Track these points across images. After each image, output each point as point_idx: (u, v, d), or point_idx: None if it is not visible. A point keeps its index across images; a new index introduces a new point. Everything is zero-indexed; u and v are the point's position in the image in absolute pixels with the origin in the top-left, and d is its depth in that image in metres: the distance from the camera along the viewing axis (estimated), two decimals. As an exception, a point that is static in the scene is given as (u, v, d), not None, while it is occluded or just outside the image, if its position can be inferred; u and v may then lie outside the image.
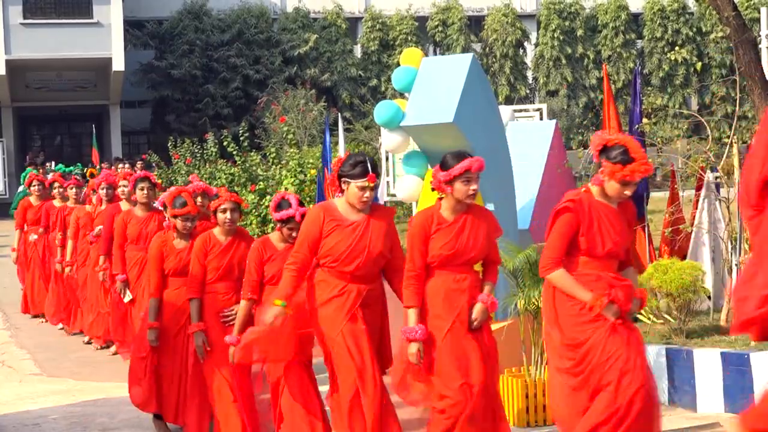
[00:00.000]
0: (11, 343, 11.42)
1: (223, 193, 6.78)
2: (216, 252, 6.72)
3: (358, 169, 5.72)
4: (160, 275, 7.03)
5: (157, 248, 7.06)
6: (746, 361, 6.56)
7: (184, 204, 6.98)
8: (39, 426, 7.53)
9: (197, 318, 6.70)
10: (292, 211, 6.30)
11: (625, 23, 35.85)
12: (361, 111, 32.73)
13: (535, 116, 19.81)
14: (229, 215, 6.66)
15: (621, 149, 5.19)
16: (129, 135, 34.74)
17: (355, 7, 36.43)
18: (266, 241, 6.45)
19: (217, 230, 6.78)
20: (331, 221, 5.77)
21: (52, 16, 30.17)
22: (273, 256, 6.32)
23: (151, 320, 7.00)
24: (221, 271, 6.71)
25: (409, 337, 5.56)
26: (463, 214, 5.68)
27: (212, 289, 6.74)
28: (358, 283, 5.79)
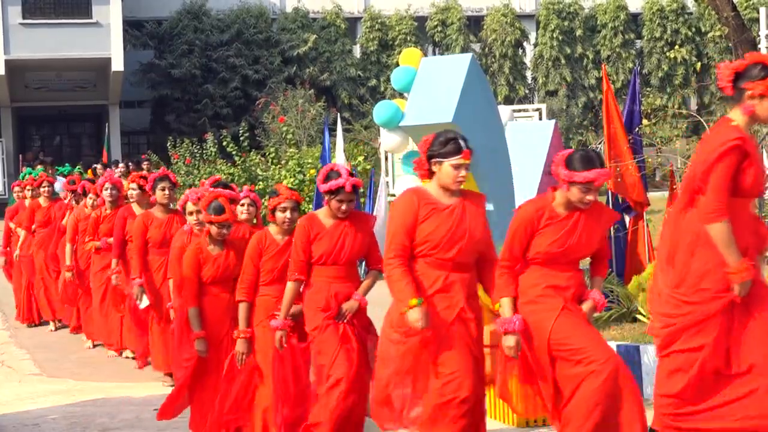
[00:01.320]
0: (11, 343, 11.42)
1: (284, 191, 6.34)
2: (271, 252, 6.34)
3: (451, 146, 5.33)
4: (198, 284, 6.68)
5: (194, 256, 6.70)
6: (745, 360, 6.54)
7: (221, 210, 6.62)
8: (39, 426, 7.53)
9: (246, 323, 6.34)
10: (342, 180, 5.88)
11: (624, 23, 35.87)
12: (360, 111, 32.75)
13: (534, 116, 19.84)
14: (289, 214, 6.30)
15: (761, 65, 4.87)
16: (128, 135, 34.75)
17: (354, 7, 36.44)
18: (313, 218, 6.04)
19: (274, 229, 6.39)
20: (426, 205, 5.34)
21: (51, 16, 30.17)
22: (321, 234, 5.94)
23: (196, 330, 6.65)
24: (276, 272, 6.33)
25: (507, 328, 5.18)
26: (577, 212, 5.27)
27: (265, 292, 6.39)
28: (460, 272, 5.37)
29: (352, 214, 6.06)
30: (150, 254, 8.65)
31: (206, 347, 6.64)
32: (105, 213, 10.17)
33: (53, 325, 12.09)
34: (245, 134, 19.37)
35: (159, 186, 8.61)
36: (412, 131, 8.51)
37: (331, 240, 5.95)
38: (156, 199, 8.73)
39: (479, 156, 8.08)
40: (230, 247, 6.77)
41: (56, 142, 36.31)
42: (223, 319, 6.69)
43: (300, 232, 5.98)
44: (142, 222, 8.62)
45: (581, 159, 5.18)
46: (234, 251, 6.73)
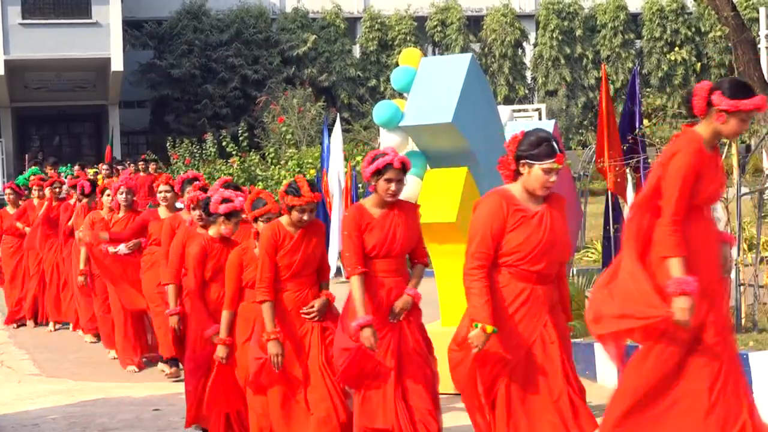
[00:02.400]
0: (10, 344, 11.42)
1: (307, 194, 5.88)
2: (288, 246, 5.89)
3: (544, 148, 4.90)
4: (238, 287, 6.32)
5: (237, 258, 6.34)
6: (745, 361, 6.55)
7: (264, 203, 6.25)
8: (38, 426, 7.53)
9: (272, 324, 5.86)
10: (390, 157, 5.53)
11: (623, 23, 35.88)
12: (360, 111, 32.77)
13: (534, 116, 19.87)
14: (306, 217, 5.87)
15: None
16: (128, 135, 34.76)
17: (353, 7, 36.44)
18: (361, 208, 5.65)
19: (286, 220, 5.96)
20: (516, 212, 4.90)
21: (51, 16, 30.17)
22: (371, 224, 5.56)
23: (223, 336, 6.32)
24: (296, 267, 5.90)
25: (684, 289, 4.50)
26: None
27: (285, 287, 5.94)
28: (544, 284, 4.97)
29: (399, 204, 5.68)
30: None
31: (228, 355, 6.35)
32: (117, 217, 9.80)
33: (52, 326, 12.08)
34: (244, 134, 19.37)
35: (188, 189, 8.15)
36: (412, 131, 8.50)
37: (383, 230, 5.56)
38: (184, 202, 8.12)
39: (479, 156, 8.10)
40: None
41: (56, 142, 36.32)
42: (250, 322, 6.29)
43: (350, 223, 5.58)
44: (170, 225, 8.21)
45: (742, 86, 4.77)
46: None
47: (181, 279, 7.23)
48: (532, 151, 4.89)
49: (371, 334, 5.36)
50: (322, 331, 5.94)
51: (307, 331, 5.92)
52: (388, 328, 5.54)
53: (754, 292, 7.73)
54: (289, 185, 5.92)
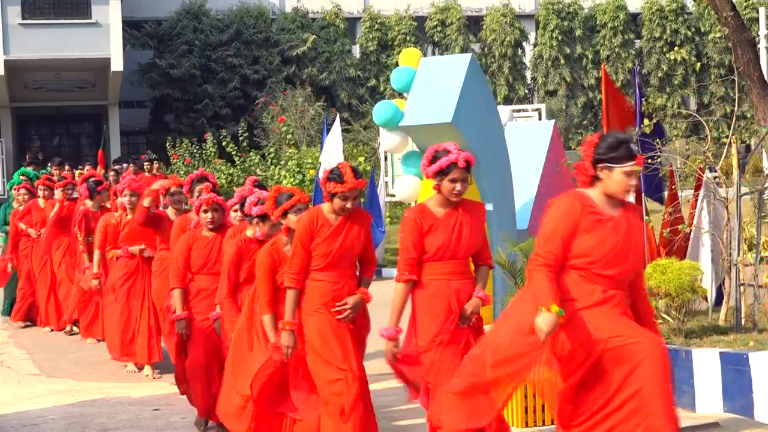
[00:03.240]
0: (10, 344, 11.41)
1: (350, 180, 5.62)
2: (325, 234, 5.63)
3: (623, 151, 4.73)
4: (272, 288, 5.98)
5: (268, 257, 6.02)
6: (745, 360, 6.55)
7: (290, 195, 6.00)
8: (38, 426, 7.52)
9: (293, 314, 5.68)
10: (454, 155, 5.28)
11: (623, 23, 35.87)
12: (360, 111, 32.76)
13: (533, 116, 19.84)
14: (349, 204, 5.63)
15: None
16: (128, 135, 34.75)
17: (353, 7, 36.44)
18: (423, 209, 5.41)
19: (327, 207, 5.73)
20: (590, 214, 4.73)
21: (51, 16, 30.16)
22: (434, 225, 5.33)
23: (273, 339, 5.92)
24: (332, 257, 5.66)
25: None
26: None
27: (319, 277, 5.70)
28: (618, 288, 4.77)
29: (464, 203, 5.43)
30: None
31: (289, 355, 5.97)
32: (126, 219, 9.53)
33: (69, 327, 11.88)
34: (244, 134, 19.36)
35: (197, 188, 7.90)
36: (412, 131, 8.51)
37: (447, 231, 5.31)
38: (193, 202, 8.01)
39: (479, 156, 8.10)
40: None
41: (55, 143, 36.31)
42: None
43: (411, 225, 5.31)
44: (180, 226, 7.97)
45: None
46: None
47: (186, 282, 7.17)
48: (612, 154, 4.73)
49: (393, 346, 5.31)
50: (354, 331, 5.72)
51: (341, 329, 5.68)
52: (455, 334, 5.27)
53: (754, 292, 7.73)
54: (331, 171, 5.67)
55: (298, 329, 5.71)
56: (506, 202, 9.08)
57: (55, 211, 11.80)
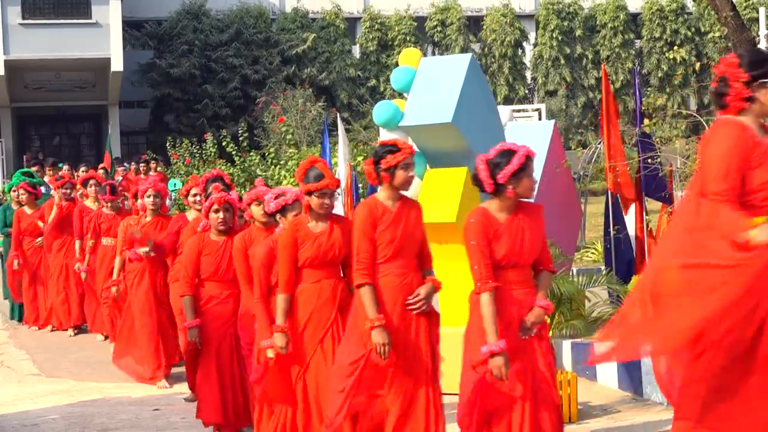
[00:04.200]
0: (10, 344, 11.41)
1: (405, 147, 5.35)
2: (387, 222, 5.34)
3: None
4: (293, 267, 5.69)
5: (290, 234, 5.71)
6: (745, 360, 6.54)
7: (320, 176, 5.66)
8: (38, 426, 7.52)
9: (375, 310, 5.23)
10: (524, 149, 4.96)
11: (623, 23, 35.89)
12: (360, 111, 32.78)
13: (533, 116, 19.86)
14: (412, 172, 5.42)
15: None
16: (128, 135, 34.77)
17: (353, 7, 36.45)
18: (487, 214, 5.00)
19: (383, 194, 5.43)
20: (756, 146, 4.20)
21: (51, 16, 30.18)
22: (498, 230, 4.97)
23: (280, 323, 5.68)
24: (397, 244, 5.33)
25: None
26: None
27: (386, 270, 5.34)
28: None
29: (520, 205, 5.08)
30: None
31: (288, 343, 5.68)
32: (144, 221, 9.15)
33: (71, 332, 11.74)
34: (244, 134, 19.37)
35: (211, 188, 7.48)
36: (412, 131, 8.50)
37: (511, 237, 4.96)
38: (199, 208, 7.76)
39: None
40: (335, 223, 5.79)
41: (55, 143, 36.33)
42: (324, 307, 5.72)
43: (478, 229, 4.90)
44: (192, 228, 7.69)
45: None
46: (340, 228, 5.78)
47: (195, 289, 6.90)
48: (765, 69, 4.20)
49: (504, 363, 4.74)
50: (428, 326, 5.39)
51: (410, 324, 5.33)
52: (520, 348, 4.91)
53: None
54: (382, 146, 5.42)
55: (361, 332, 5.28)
56: (506, 202, 9.06)
57: (54, 214, 11.73)
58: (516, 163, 4.90)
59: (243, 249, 6.49)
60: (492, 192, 4.99)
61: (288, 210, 6.10)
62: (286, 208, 6.11)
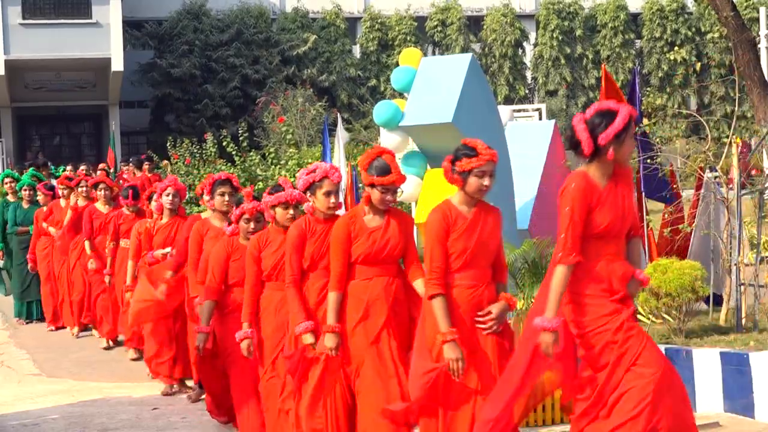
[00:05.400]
0: (10, 344, 11.41)
1: (485, 151, 4.97)
2: (461, 228, 4.97)
3: None
4: (346, 262, 5.36)
5: (344, 227, 5.37)
6: (745, 360, 6.56)
7: (387, 170, 5.31)
8: (38, 426, 7.52)
9: (448, 323, 4.86)
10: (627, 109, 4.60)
11: (624, 23, 35.88)
12: (360, 111, 32.77)
13: (534, 116, 19.85)
14: (486, 181, 4.97)
15: None
16: (128, 135, 34.77)
17: (354, 7, 36.45)
18: (587, 178, 4.65)
19: (458, 198, 5.05)
20: None
21: (51, 16, 30.18)
22: (602, 197, 4.65)
23: (331, 322, 5.35)
24: (469, 254, 4.97)
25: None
26: None
27: (456, 281, 4.97)
28: None
29: (618, 170, 4.75)
30: None
31: (338, 344, 5.35)
32: (160, 223, 8.83)
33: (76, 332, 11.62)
34: (244, 134, 19.37)
35: (218, 191, 7.36)
36: (412, 131, 8.51)
37: (613, 205, 4.64)
38: (214, 205, 7.48)
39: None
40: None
41: (56, 143, 36.33)
42: (379, 309, 5.38)
43: (579, 195, 4.55)
44: (197, 231, 7.47)
45: None
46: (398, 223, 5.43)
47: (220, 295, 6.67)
48: None
49: (553, 341, 4.52)
50: (498, 348, 4.99)
51: (478, 343, 4.96)
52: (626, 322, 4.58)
53: (754, 292, 7.73)
54: (458, 150, 5.00)
55: None
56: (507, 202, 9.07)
57: (69, 216, 11.53)
58: (620, 123, 4.55)
59: (257, 253, 6.18)
60: (590, 155, 4.61)
61: (316, 188, 5.74)
62: (315, 185, 5.74)
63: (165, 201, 8.72)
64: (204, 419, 7.46)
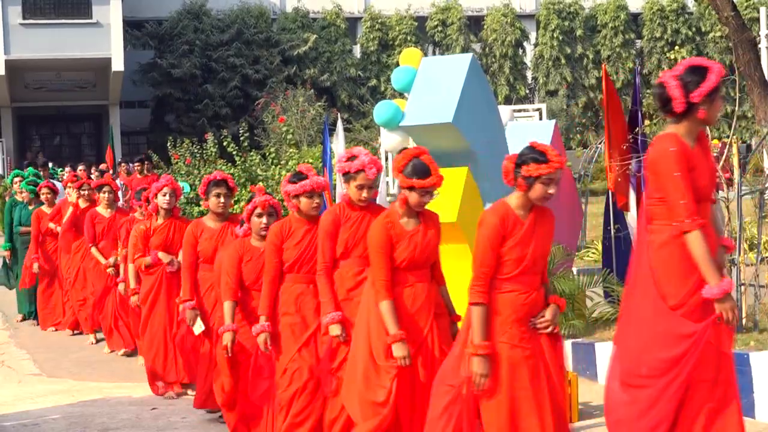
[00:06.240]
0: (11, 344, 11.40)
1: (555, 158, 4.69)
2: (519, 235, 4.70)
3: None
4: (389, 268, 5.13)
5: (382, 232, 5.15)
6: (746, 360, 6.55)
7: (426, 172, 5.12)
8: (38, 426, 7.52)
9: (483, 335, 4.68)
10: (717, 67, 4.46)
11: (624, 23, 35.89)
12: (361, 111, 32.79)
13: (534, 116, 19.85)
14: (552, 190, 4.70)
15: None
16: (128, 135, 34.79)
17: (354, 7, 36.46)
18: (679, 140, 4.46)
19: (515, 201, 4.76)
20: None
21: (51, 16, 30.20)
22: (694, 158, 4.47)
23: (393, 330, 5.06)
24: (528, 262, 4.74)
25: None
26: None
27: (510, 287, 4.75)
28: None
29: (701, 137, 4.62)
30: (200, 270, 7.29)
31: (408, 354, 5.09)
32: (156, 224, 8.54)
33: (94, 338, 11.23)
34: (245, 134, 19.38)
35: (214, 192, 7.20)
36: (413, 131, 8.50)
37: (705, 167, 4.50)
38: (209, 206, 7.35)
39: (479, 156, 8.10)
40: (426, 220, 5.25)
41: (56, 142, 36.35)
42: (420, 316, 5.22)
43: (680, 158, 4.40)
44: (192, 233, 7.28)
45: None
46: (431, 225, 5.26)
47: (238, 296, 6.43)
48: None
49: (734, 305, 4.32)
50: (553, 349, 4.86)
51: (534, 349, 4.76)
52: None
53: (754, 292, 7.73)
54: (522, 154, 4.74)
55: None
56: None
57: (68, 215, 11.39)
58: (713, 80, 4.38)
59: (279, 243, 5.89)
60: (680, 113, 4.44)
61: (350, 178, 5.54)
62: (349, 175, 5.54)
63: (161, 201, 8.45)
64: (204, 419, 7.47)
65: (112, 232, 10.39)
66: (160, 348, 8.49)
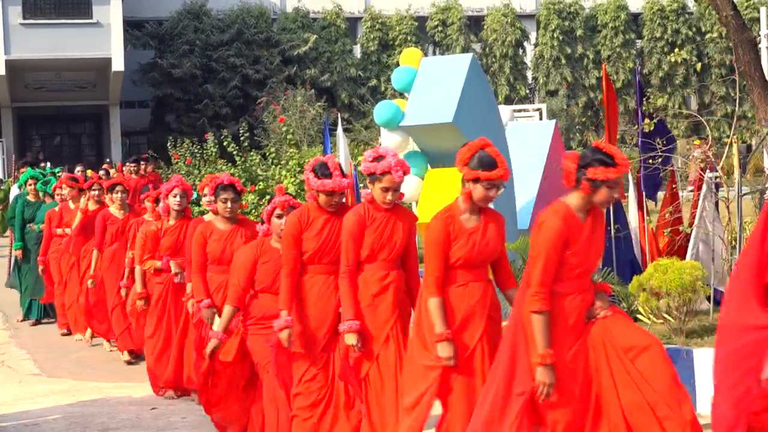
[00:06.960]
0: (11, 344, 11.40)
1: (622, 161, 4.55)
2: (580, 240, 4.57)
3: None
4: (444, 265, 4.95)
5: (442, 228, 4.96)
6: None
7: (492, 164, 4.94)
8: (38, 426, 7.52)
9: (547, 343, 4.50)
10: None
11: (624, 23, 35.90)
12: (361, 111, 32.80)
13: (534, 116, 19.85)
14: (617, 194, 4.59)
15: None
16: (128, 135, 34.80)
17: (354, 7, 36.47)
18: None
19: (576, 203, 4.59)
20: None
21: (52, 16, 30.21)
22: None
23: (440, 329, 4.92)
24: (585, 266, 4.65)
25: None
26: None
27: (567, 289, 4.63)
28: None
29: None
30: (208, 272, 7.19)
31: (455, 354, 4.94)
32: (167, 225, 8.39)
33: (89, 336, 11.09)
34: (245, 134, 19.38)
35: (221, 197, 7.07)
36: (413, 131, 8.50)
37: None
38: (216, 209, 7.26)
39: (479, 156, 8.08)
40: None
41: (56, 142, 36.35)
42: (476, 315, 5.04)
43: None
44: (201, 234, 7.20)
45: None
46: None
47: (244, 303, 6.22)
48: None
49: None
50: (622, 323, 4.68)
51: (588, 352, 4.60)
52: None
53: (754, 292, 7.71)
54: (594, 151, 4.55)
55: None
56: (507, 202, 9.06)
57: (78, 219, 10.99)
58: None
59: (297, 233, 5.67)
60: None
61: (376, 179, 5.40)
62: (375, 177, 5.40)
63: (172, 202, 8.28)
64: (204, 419, 7.46)
65: (125, 236, 9.96)
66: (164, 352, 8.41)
